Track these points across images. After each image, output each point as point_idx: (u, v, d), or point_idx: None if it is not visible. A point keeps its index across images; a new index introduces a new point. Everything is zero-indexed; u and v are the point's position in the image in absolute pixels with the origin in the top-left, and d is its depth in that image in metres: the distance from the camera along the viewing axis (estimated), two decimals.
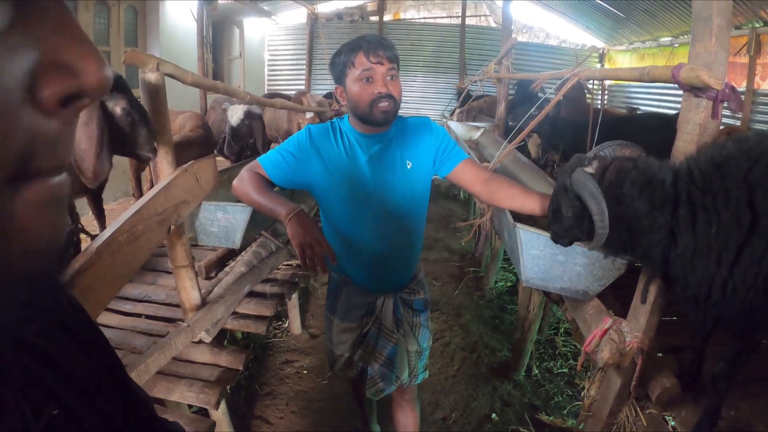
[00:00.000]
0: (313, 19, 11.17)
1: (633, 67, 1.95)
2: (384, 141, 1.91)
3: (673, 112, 5.39)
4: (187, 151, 4.48)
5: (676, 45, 8.39)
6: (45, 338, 0.47)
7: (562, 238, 1.68)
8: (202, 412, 2.68)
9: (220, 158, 5.02)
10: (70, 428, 0.44)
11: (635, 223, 1.46)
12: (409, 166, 1.90)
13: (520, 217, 2.18)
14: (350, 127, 1.92)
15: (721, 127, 1.93)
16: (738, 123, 6.34)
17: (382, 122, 1.82)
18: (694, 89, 1.54)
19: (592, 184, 1.44)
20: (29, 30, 0.29)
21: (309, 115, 4.82)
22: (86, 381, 0.50)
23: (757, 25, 6.35)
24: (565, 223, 1.60)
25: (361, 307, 2.09)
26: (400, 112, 1.91)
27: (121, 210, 5.12)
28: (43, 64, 0.29)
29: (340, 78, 1.85)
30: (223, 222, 2.69)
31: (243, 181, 1.90)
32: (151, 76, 2.16)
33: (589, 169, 1.50)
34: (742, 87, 6.59)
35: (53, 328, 0.50)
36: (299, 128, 4.85)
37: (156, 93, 2.18)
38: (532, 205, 1.80)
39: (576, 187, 1.48)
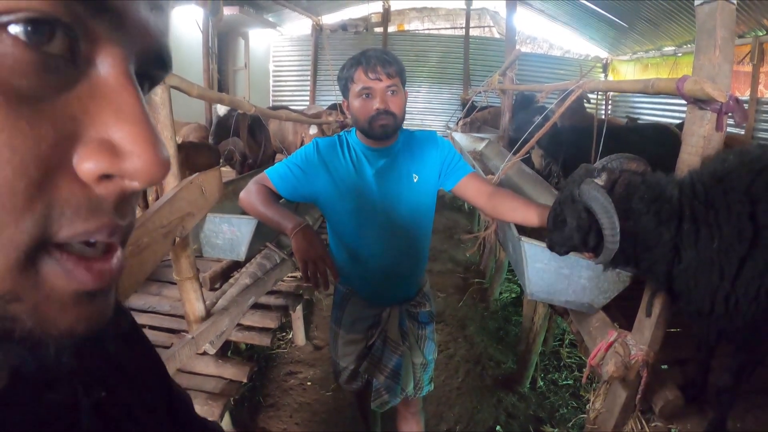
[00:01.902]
0: (318, 30, 11.23)
1: (637, 79, 1.95)
2: (391, 155, 1.92)
3: (677, 122, 5.41)
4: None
5: (680, 54, 8.40)
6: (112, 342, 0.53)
7: (560, 246, 1.67)
8: None
9: (225, 169, 5.06)
10: (117, 410, 0.49)
11: (640, 238, 1.45)
12: (415, 180, 1.91)
13: (524, 230, 2.18)
14: (357, 140, 1.93)
15: None
16: (742, 132, 6.33)
17: (382, 137, 1.83)
18: (699, 101, 1.54)
19: (605, 198, 1.43)
20: (80, 104, 0.31)
21: (313, 130, 4.84)
22: (133, 374, 0.55)
23: (761, 34, 6.37)
24: (566, 232, 1.60)
25: (367, 319, 2.09)
26: (405, 124, 1.92)
27: None
28: (86, 138, 0.31)
29: (344, 92, 1.88)
30: (228, 234, 2.69)
31: (250, 193, 1.91)
32: (157, 89, 2.17)
33: (599, 182, 1.49)
34: (745, 96, 6.60)
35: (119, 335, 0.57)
36: (303, 141, 4.90)
37: (162, 106, 2.19)
38: (535, 217, 1.81)
39: (586, 200, 1.47)
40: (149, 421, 0.56)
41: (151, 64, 0.37)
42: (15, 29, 0.27)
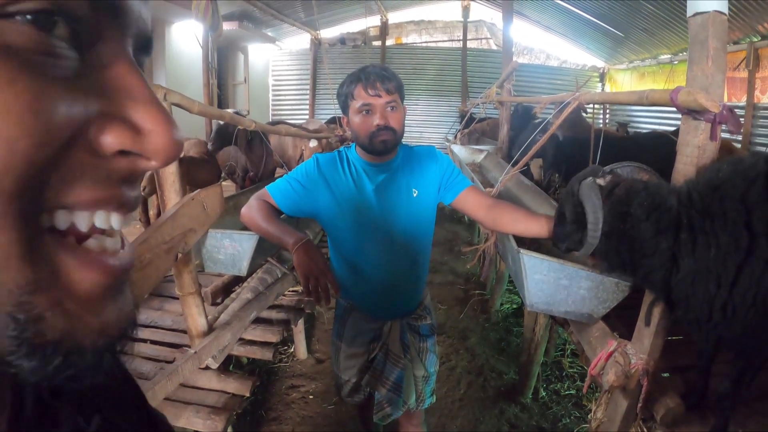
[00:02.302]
0: (317, 44, 11.30)
1: (632, 91, 1.97)
2: (390, 170, 1.94)
3: (672, 129, 5.43)
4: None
5: (676, 62, 8.45)
6: None
7: (561, 241, 1.69)
8: None
9: (226, 183, 5.09)
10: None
11: (637, 246, 1.47)
12: (415, 194, 1.93)
13: (523, 242, 2.19)
14: (357, 156, 1.95)
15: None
16: (739, 137, 6.36)
17: (382, 152, 1.86)
18: (693, 112, 1.55)
19: (596, 195, 1.47)
20: (96, 86, 0.33)
21: (313, 143, 4.87)
22: (119, 399, 0.56)
23: (755, 40, 6.40)
24: (567, 228, 1.62)
25: (368, 332, 2.10)
26: (404, 136, 1.94)
27: (127, 235, 5.17)
28: (106, 115, 0.33)
29: (344, 108, 1.90)
30: (230, 249, 2.70)
31: (251, 209, 1.92)
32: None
33: (601, 181, 1.52)
34: (742, 102, 6.62)
35: None
36: (302, 155, 4.92)
37: None
38: (534, 227, 1.82)
39: (581, 195, 1.51)
40: None
41: (140, 49, 0.38)
42: (19, 18, 0.29)
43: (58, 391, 0.44)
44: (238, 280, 3.41)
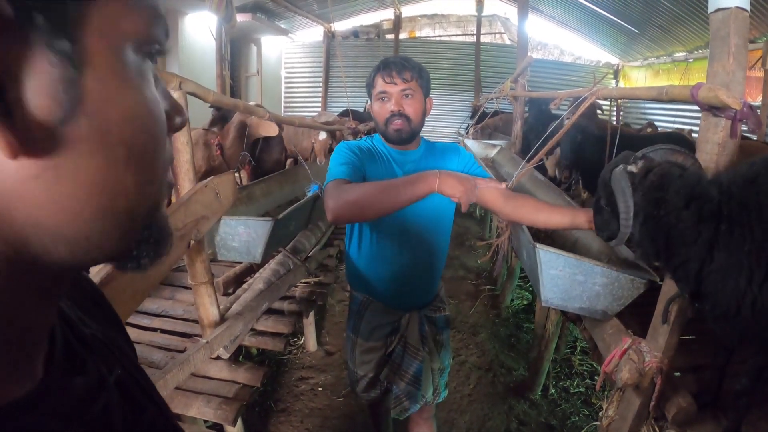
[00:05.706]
0: (330, 37, 11.27)
1: (651, 87, 1.95)
2: (415, 159, 1.98)
3: (688, 128, 5.37)
4: None
5: (691, 60, 8.37)
6: (104, 325, 0.59)
7: (601, 231, 1.69)
8: (217, 426, 2.69)
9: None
10: (131, 385, 0.55)
11: (677, 233, 1.43)
12: None
13: (538, 237, 2.18)
14: (383, 143, 1.99)
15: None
16: (754, 137, 6.30)
17: (396, 140, 1.89)
18: (713, 108, 1.54)
19: (625, 182, 1.46)
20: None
21: (322, 135, 4.86)
22: (130, 356, 0.62)
23: None
24: (604, 216, 1.63)
25: (386, 325, 2.10)
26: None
27: None
28: (173, 107, 0.46)
29: (369, 97, 1.95)
30: (245, 236, 2.71)
31: (346, 192, 1.67)
32: (174, 95, 2.19)
33: (632, 168, 1.50)
34: (757, 101, 6.55)
35: (107, 317, 0.65)
36: (313, 146, 4.91)
37: None
38: (556, 217, 1.82)
39: (612, 183, 1.51)
40: (154, 396, 0.60)
41: None
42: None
43: (86, 341, 0.50)
44: (249, 271, 3.41)
